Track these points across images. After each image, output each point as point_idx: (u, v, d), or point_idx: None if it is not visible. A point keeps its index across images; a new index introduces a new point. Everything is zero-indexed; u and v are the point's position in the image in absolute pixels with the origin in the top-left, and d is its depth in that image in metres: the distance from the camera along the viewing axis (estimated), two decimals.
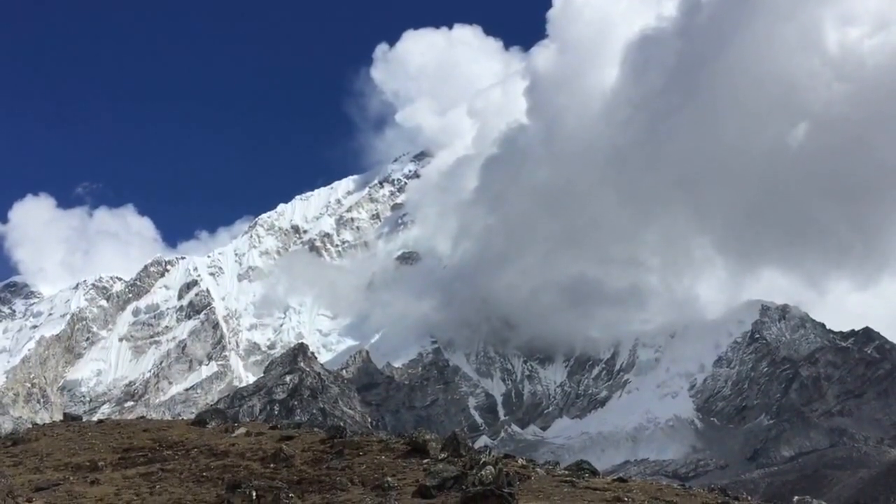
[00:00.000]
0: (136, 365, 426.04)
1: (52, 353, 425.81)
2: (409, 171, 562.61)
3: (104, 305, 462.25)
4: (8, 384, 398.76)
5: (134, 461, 29.80)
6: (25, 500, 25.75)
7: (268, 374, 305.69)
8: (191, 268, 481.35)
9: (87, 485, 27.19)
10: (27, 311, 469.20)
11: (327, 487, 23.92)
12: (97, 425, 38.99)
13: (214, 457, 28.84)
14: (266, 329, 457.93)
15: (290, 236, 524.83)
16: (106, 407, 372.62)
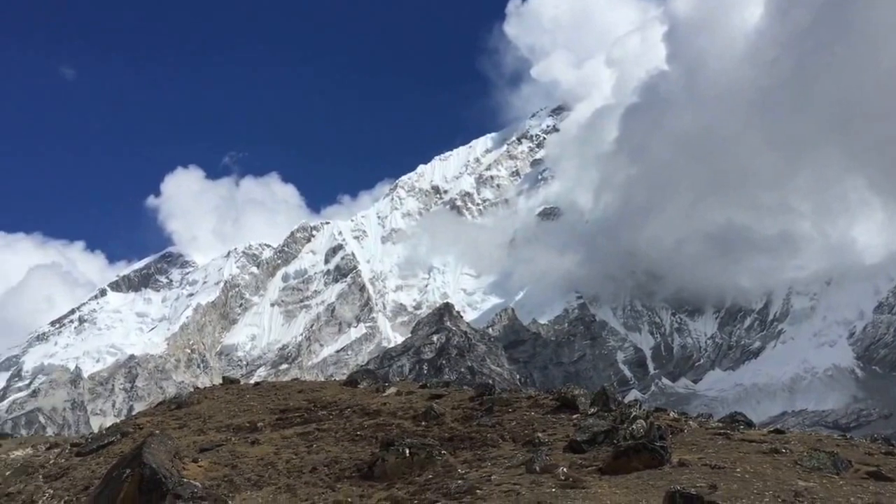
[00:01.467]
0: (288, 329, 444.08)
1: (208, 319, 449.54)
2: (547, 125, 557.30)
3: (255, 272, 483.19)
4: (169, 350, 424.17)
5: (291, 421, 30.56)
6: (191, 460, 26.83)
7: (415, 335, 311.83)
8: (335, 232, 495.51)
9: (248, 445, 28.08)
10: (183, 280, 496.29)
11: (478, 444, 23.75)
12: (254, 388, 40.37)
13: (367, 416, 29.19)
14: (411, 290, 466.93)
15: (430, 197, 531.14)
16: (261, 370, 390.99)
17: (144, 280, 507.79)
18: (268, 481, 24.03)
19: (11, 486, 30.94)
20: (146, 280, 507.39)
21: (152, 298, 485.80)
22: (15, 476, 32.22)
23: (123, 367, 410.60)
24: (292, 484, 23.39)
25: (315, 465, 24.41)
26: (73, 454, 33.37)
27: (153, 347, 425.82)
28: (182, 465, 25.72)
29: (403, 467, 21.91)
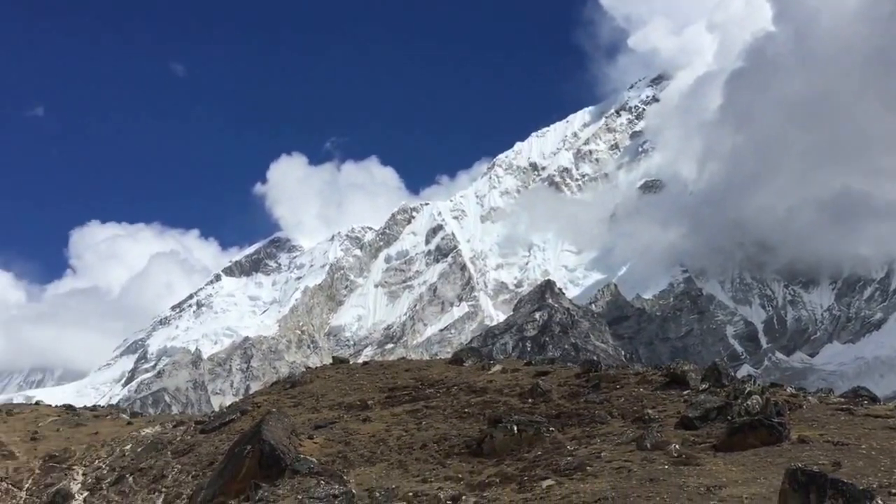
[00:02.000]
0: (393, 309, 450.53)
1: (316, 301, 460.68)
2: (646, 96, 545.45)
3: (358, 254, 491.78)
4: (281, 332, 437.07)
5: (399, 399, 31.25)
6: (307, 437, 27.82)
7: (517, 312, 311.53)
8: (435, 213, 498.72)
9: (360, 422, 28.89)
10: (291, 263, 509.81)
11: (587, 420, 23.76)
12: (363, 367, 41.37)
13: (474, 393, 29.56)
14: (512, 268, 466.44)
15: (528, 174, 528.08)
16: (368, 349, 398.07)
17: (255, 265, 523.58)
18: (380, 457, 24.73)
19: (143, 462, 32.77)
20: (257, 265, 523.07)
21: (263, 282, 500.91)
22: (146, 452, 34.09)
23: (239, 349, 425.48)
24: (404, 460, 24.00)
25: (425, 442, 24.96)
26: (198, 431, 35.04)
27: (266, 329, 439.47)
28: (298, 441, 26.71)
29: (512, 444, 22.19)
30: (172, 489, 28.69)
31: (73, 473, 34.55)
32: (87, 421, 46.17)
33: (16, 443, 41.06)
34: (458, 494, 18.89)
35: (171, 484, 29.23)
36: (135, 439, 37.61)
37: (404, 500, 19.69)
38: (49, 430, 43.78)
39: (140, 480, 30.82)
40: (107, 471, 33.76)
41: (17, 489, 34.62)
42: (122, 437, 38.87)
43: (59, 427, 44.51)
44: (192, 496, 26.78)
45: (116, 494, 30.12)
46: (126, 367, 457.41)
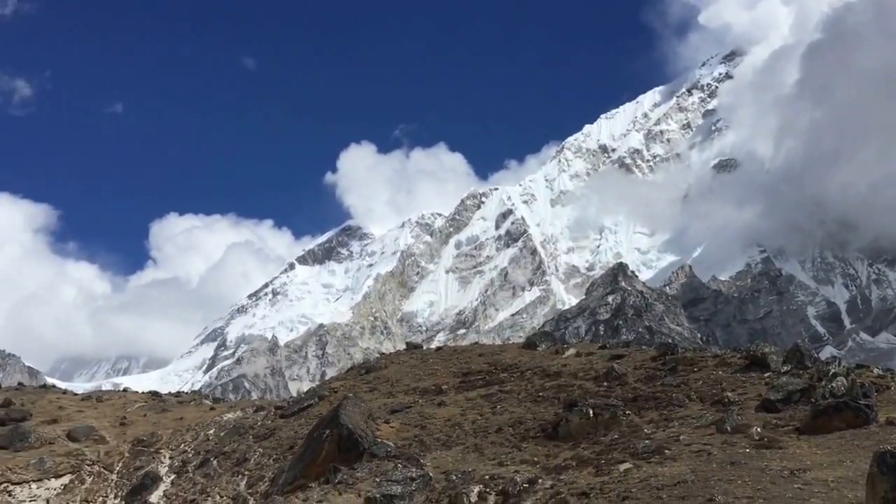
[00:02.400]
0: (464, 294, 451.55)
1: (388, 288, 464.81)
2: (718, 73, 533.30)
3: (429, 241, 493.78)
4: (354, 319, 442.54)
5: (474, 384, 31.42)
6: (383, 421, 28.22)
7: (589, 296, 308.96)
8: (504, 198, 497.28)
9: (436, 406, 29.16)
10: (362, 251, 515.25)
11: (664, 404, 23.54)
12: (437, 352, 41.69)
13: (548, 377, 29.54)
14: (583, 251, 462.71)
15: (598, 156, 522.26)
16: (441, 335, 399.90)
17: (328, 253, 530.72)
18: (456, 441, 24.94)
19: (227, 445, 33.70)
20: (329, 253, 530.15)
21: (336, 270, 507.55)
22: (229, 436, 35.05)
23: (314, 336, 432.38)
24: (479, 444, 24.17)
25: (500, 426, 25.09)
26: (278, 416, 35.85)
27: (339, 316, 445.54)
28: (375, 425, 27.12)
29: (588, 427, 22.15)
30: (255, 472, 29.44)
31: (160, 457, 35.71)
32: (172, 406, 47.64)
33: (106, 428, 42.63)
34: (535, 477, 18.96)
35: (253, 467, 29.99)
36: (218, 424, 38.65)
37: (480, 483, 19.85)
38: (136, 416, 45.32)
39: (224, 463, 31.69)
40: (192, 454, 34.81)
41: (109, 472, 35.96)
42: (205, 422, 39.99)
43: (145, 412, 46.04)
44: (274, 478, 27.46)
45: (202, 477, 31.04)
46: (206, 355, 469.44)
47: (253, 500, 26.68)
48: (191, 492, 29.83)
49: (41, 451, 38.89)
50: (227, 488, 28.80)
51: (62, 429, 42.02)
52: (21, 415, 44.18)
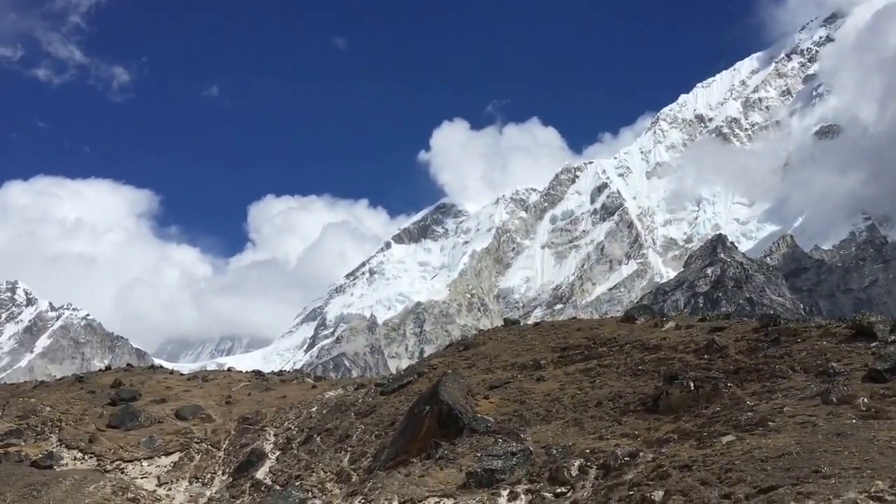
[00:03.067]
0: (560, 269, 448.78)
1: (483, 265, 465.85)
2: (819, 37, 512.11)
3: (523, 216, 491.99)
4: (451, 296, 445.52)
5: (572, 358, 31.33)
6: (482, 397, 28.44)
7: (688, 268, 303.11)
8: (599, 171, 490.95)
9: (534, 382, 29.22)
10: (458, 228, 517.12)
11: (767, 375, 23.08)
12: (534, 328, 41.67)
13: (647, 351, 29.23)
14: (681, 223, 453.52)
15: (694, 126, 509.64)
16: (538, 310, 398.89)
17: (423, 231, 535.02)
18: (555, 416, 24.97)
19: (329, 422, 34.57)
20: (424, 231, 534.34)
21: (431, 248, 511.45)
22: (331, 413, 35.92)
23: (412, 314, 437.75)
24: (579, 418, 24.14)
25: (600, 400, 24.99)
26: (378, 393, 36.54)
27: (436, 294, 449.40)
28: (475, 401, 27.37)
29: (689, 400, 21.86)
30: (357, 448, 30.10)
31: (265, 434, 36.85)
32: (275, 385, 49.03)
33: (212, 406, 44.21)
34: (636, 451, 18.85)
35: (355, 443, 30.67)
36: (320, 402, 39.62)
37: (581, 456, 19.85)
38: (241, 395, 46.84)
39: (327, 440, 32.50)
40: (296, 431, 35.80)
41: (216, 449, 37.32)
42: (308, 400, 41.04)
43: (250, 391, 47.52)
44: (376, 454, 28.05)
45: (306, 453, 31.91)
46: (307, 334, 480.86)
47: (356, 475, 27.30)
48: (295, 468, 30.71)
49: (151, 429, 40.61)
50: (331, 464, 29.54)
51: (170, 408, 43.78)
52: (131, 395, 46.18)
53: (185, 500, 31.61)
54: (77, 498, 26.99)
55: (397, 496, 21.44)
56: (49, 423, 42.01)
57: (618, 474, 17.80)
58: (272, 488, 28.90)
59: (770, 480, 14.82)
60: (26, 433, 40.43)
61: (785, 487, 14.39)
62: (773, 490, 14.50)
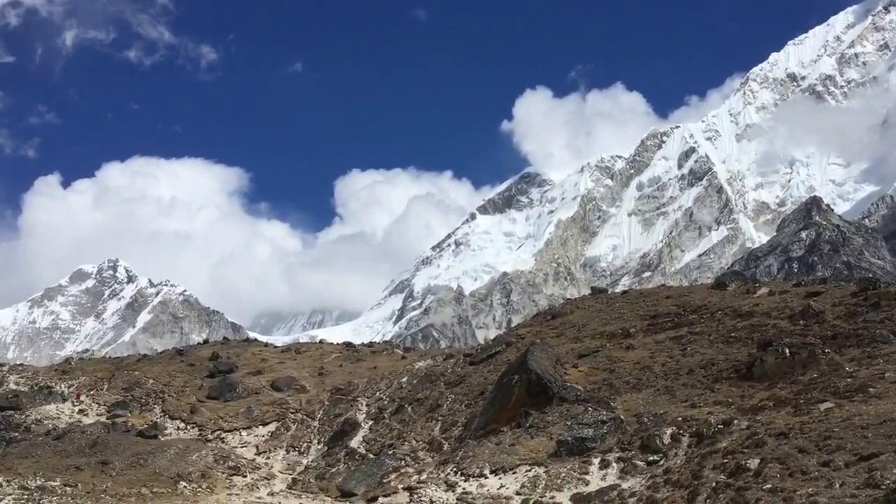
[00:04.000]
0: (647, 237, 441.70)
1: (569, 234, 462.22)
2: None
3: (609, 184, 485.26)
4: (537, 266, 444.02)
5: (662, 326, 30.98)
6: (571, 366, 28.40)
7: (781, 233, 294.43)
8: (686, 135, 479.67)
9: (623, 350, 29.02)
10: (542, 197, 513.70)
11: (866, 341, 22.39)
12: (622, 296, 41.34)
13: (740, 317, 28.69)
14: (773, 186, 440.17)
15: (786, 86, 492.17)
16: (625, 279, 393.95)
17: (507, 201, 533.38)
18: (646, 384, 24.76)
19: (419, 392, 35.09)
20: (509, 201, 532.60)
21: (516, 218, 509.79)
22: (421, 383, 36.45)
23: (498, 284, 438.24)
24: (670, 386, 23.88)
25: (691, 368, 24.66)
26: (467, 363, 36.86)
27: (522, 264, 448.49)
28: (563, 370, 27.36)
29: (784, 367, 21.39)
30: (448, 417, 30.46)
31: (357, 404, 37.62)
32: (366, 357, 49.96)
33: (306, 378, 45.37)
34: (730, 419, 18.57)
35: (446, 413, 31.04)
36: (410, 372, 40.21)
37: (673, 424, 19.65)
38: (333, 366, 47.89)
39: (418, 410, 32.99)
40: (387, 401, 36.44)
41: (311, 419, 38.30)
42: (398, 371, 41.70)
43: (341, 363, 48.55)
44: (466, 423, 28.34)
45: (398, 423, 32.46)
46: (395, 306, 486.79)
47: (447, 444, 27.64)
48: (388, 437, 31.27)
49: (248, 400, 42.01)
50: (423, 433, 29.98)
51: (266, 379, 45.17)
52: (228, 367, 47.81)
53: (283, 468, 32.56)
54: (181, 466, 28.11)
55: (488, 464, 21.65)
56: (152, 395, 43.89)
57: (711, 442, 17.58)
58: (366, 456, 29.52)
59: (871, 448, 14.45)
60: (132, 404, 42.36)
61: (887, 455, 14.02)
62: (874, 457, 14.13)
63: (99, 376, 48.48)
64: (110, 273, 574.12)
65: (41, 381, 47.81)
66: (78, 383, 47.21)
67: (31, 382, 47.61)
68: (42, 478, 25.30)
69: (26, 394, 43.60)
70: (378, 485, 24.83)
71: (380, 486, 24.50)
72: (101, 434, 31.86)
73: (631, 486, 17.48)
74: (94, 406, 42.45)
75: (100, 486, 24.86)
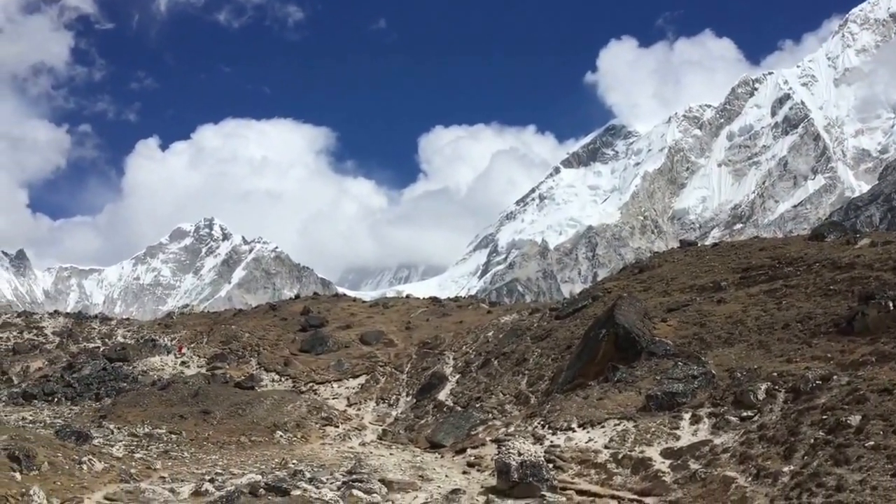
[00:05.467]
0: (739, 188, 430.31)
1: (656, 186, 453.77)
2: None
3: (698, 134, 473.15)
4: (623, 219, 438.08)
5: (755, 279, 30.15)
6: (660, 320, 27.95)
7: (883, 181, 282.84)
8: (780, 82, 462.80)
9: (714, 304, 28.38)
10: (628, 150, 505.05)
11: None
12: (713, 248, 40.35)
13: (839, 270, 27.64)
14: (874, 133, 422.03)
15: (888, 26, 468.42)
16: (715, 231, 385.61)
17: (592, 154, 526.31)
18: (738, 338, 24.18)
19: (506, 346, 35.18)
20: (594, 154, 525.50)
21: (601, 171, 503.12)
22: (507, 338, 36.52)
23: (584, 238, 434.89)
24: (764, 340, 23.25)
25: (787, 322, 23.94)
26: (553, 317, 36.71)
27: (608, 217, 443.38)
28: (652, 324, 26.95)
29: (888, 321, 20.55)
30: (534, 371, 30.47)
31: (444, 358, 37.96)
32: (452, 311, 50.30)
33: (394, 332, 46.00)
34: (828, 374, 17.98)
35: (532, 367, 31.05)
36: (496, 326, 40.31)
37: (768, 380, 19.15)
38: (420, 320, 48.38)
39: (504, 364, 33.09)
40: (474, 355, 36.65)
41: (399, 372, 38.87)
42: (484, 325, 41.84)
43: (428, 317, 49.02)
44: (553, 377, 28.28)
45: (485, 376, 32.64)
46: (480, 261, 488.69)
47: (534, 397, 27.66)
48: (475, 390, 31.48)
49: (339, 353, 42.92)
50: (509, 387, 30.08)
51: (355, 333, 46.03)
52: (319, 321, 48.93)
53: (373, 419, 33.21)
54: (277, 416, 28.97)
55: (576, 418, 21.56)
56: (248, 348, 45.31)
57: (809, 398, 17.07)
58: (454, 409, 29.81)
59: None
60: (229, 357, 43.85)
61: None
62: None
63: (198, 330, 50.28)
64: (206, 231, 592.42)
65: (146, 334, 49.95)
66: (179, 337, 49.10)
67: (137, 336, 49.79)
68: (149, 425, 26.48)
69: (133, 346, 45.62)
70: (466, 437, 25.06)
71: (468, 439, 24.72)
72: (202, 385, 33.07)
73: (723, 441, 17.15)
74: (195, 358, 44.15)
75: (202, 434, 25.88)
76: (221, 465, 20.13)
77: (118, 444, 21.17)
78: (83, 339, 49.23)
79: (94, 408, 32.09)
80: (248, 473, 17.95)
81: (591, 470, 18.04)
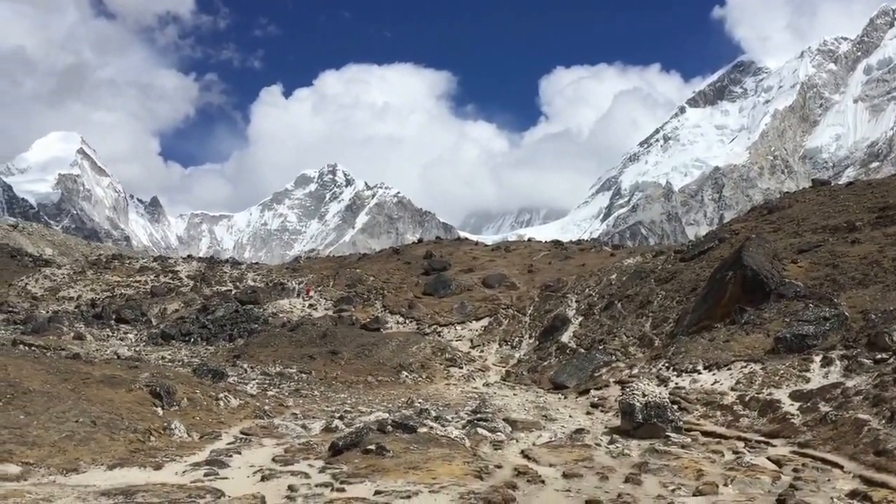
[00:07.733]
0: (876, 124, 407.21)
1: (787, 124, 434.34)
2: None
3: (832, 69, 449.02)
4: (751, 159, 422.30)
5: (892, 219, 28.86)
6: (790, 261, 27.20)
7: None
8: None
9: (848, 244, 27.40)
10: (757, 87, 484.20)
11: None
12: (847, 188, 38.69)
13: None
14: None
15: None
16: (850, 170, 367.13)
17: (719, 93, 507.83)
18: (874, 279, 23.35)
19: (629, 289, 35.05)
20: (721, 92, 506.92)
21: (729, 110, 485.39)
22: (631, 280, 36.34)
23: (710, 179, 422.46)
24: None
25: None
26: (677, 260, 36.24)
27: (735, 157, 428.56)
28: (781, 266, 26.29)
29: None
30: (658, 314, 30.28)
31: (567, 301, 38.13)
32: (574, 254, 50.23)
33: (516, 275, 46.39)
34: None
35: (656, 309, 30.85)
36: (619, 269, 40.11)
37: None
38: (542, 264, 48.57)
39: (628, 306, 32.99)
40: (597, 298, 36.66)
41: (522, 315, 39.31)
42: (607, 268, 41.69)
43: (550, 260, 49.15)
44: (678, 320, 28.06)
45: (608, 319, 32.66)
46: (602, 204, 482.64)
47: (658, 340, 27.56)
48: (598, 332, 31.58)
49: (461, 296, 43.70)
50: (633, 329, 30.03)
51: (477, 276, 46.68)
52: (442, 265, 49.84)
53: (496, 360, 33.82)
54: (402, 357, 29.93)
55: (702, 360, 21.45)
56: (373, 291, 46.69)
57: None
58: (577, 351, 30.03)
59: None
60: (355, 300, 45.34)
61: None
62: None
63: (325, 274, 52.08)
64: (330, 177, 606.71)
65: (275, 278, 52.12)
66: (307, 280, 51.02)
67: (267, 279, 52.02)
68: (280, 365, 27.86)
69: (263, 289, 47.75)
70: (589, 378, 25.28)
71: (591, 380, 24.94)
72: (329, 327, 34.42)
73: (856, 384, 16.78)
74: (322, 301, 45.79)
75: (331, 374, 27.05)
76: (350, 403, 21.03)
77: (251, 383, 22.40)
78: (215, 282, 51.79)
79: (228, 348, 33.92)
80: (376, 411, 18.73)
81: (717, 412, 17.99)
